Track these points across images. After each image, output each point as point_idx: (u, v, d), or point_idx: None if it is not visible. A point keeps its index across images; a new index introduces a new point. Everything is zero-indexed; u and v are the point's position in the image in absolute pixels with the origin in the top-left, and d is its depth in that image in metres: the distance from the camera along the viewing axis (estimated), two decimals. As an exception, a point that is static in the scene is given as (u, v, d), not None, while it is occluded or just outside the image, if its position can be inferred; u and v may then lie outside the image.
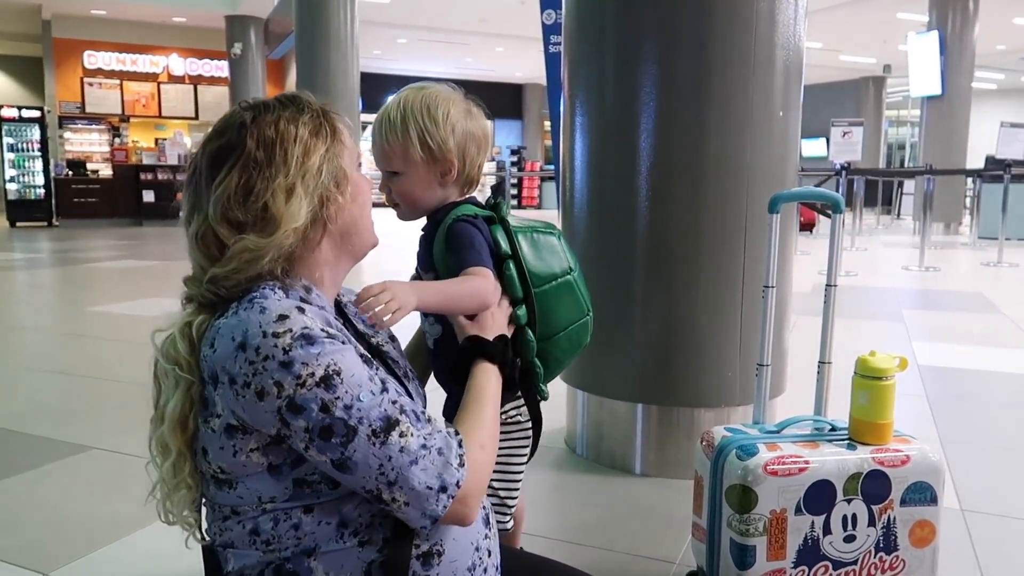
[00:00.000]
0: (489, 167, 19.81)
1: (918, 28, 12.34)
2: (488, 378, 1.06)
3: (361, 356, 0.88)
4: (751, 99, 2.23)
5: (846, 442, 1.59)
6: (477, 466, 0.91)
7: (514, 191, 17.91)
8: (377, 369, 0.91)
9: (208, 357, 0.87)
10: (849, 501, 1.52)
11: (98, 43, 14.40)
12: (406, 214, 1.22)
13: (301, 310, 0.86)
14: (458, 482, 0.86)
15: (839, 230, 1.66)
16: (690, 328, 2.33)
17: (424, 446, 0.85)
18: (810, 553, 1.52)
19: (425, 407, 1.06)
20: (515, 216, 1.25)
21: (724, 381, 2.35)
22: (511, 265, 1.17)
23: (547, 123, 21.82)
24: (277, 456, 0.85)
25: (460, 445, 0.90)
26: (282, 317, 0.84)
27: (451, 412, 1.11)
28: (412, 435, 0.85)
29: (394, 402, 0.86)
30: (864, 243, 9.91)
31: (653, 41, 2.28)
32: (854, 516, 1.53)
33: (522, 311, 1.16)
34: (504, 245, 1.17)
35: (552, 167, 20.57)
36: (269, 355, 0.81)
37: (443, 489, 0.85)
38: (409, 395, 0.98)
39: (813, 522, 1.51)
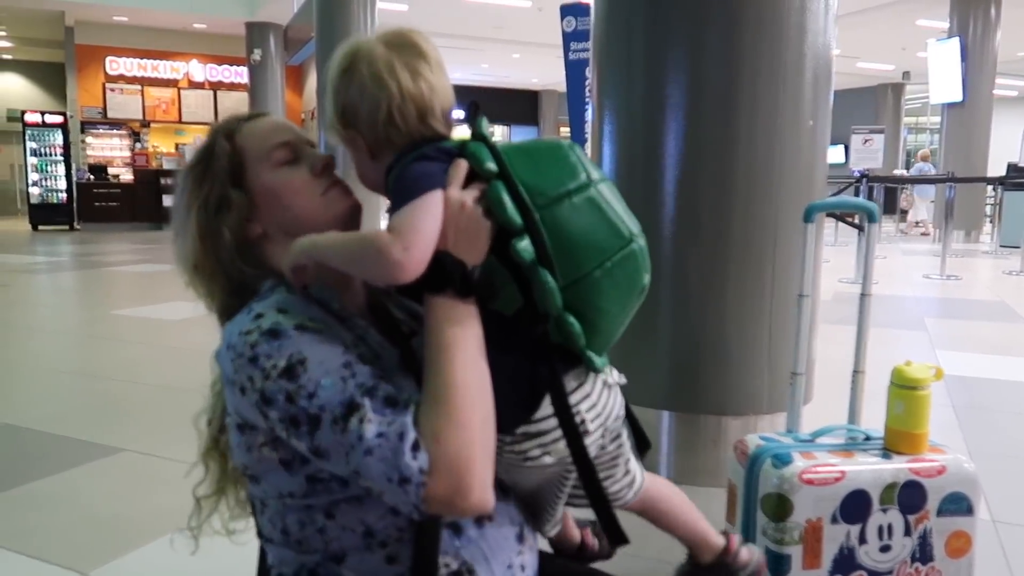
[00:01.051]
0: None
1: (938, 35, 12.28)
2: (442, 318, 0.81)
3: (344, 343, 0.84)
4: (781, 108, 2.24)
5: (881, 452, 1.59)
6: (447, 443, 0.77)
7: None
8: (362, 354, 0.84)
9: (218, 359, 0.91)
10: (885, 511, 1.52)
11: (120, 49, 14.57)
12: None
13: (282, 309, 0.87)
14: (420, 469, 0.76)
15: (873, 239, 1.66)
16: (717, 336, 2.34)
17: (381, 434, 0.77)
18: (846, 562, 1.52)
19: None
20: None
21: (752, 389, 2.35)
22: (498, 186, 0.82)
23: (564, 129, 21.86)
24: (286, 452, 0.86)
25: (414, 426, 0.78)
26: (258, 316, 0.86)
27: None
28: (372, 421, 0.77)
29: (362, 385, 0.80)
30: (883, 251, 9.85)
31: (681, 50, 2.29)
32: (890, 526, 1.53)
33: (524, 243, 0.80)
34: (485, 157, 0.84)
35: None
36: (242, 352, 0.84)
37: (404, 480, 0.76)
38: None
39: (849, 531, 1.51)
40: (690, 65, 2.29)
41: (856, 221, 7.85)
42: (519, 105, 21.59)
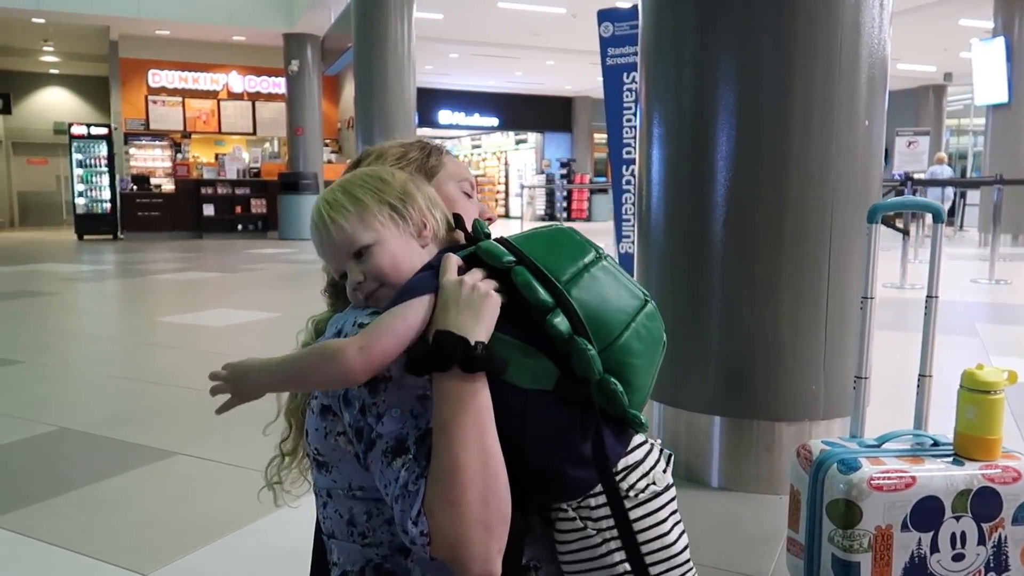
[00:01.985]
0: (539, 180, 19.90)
1: (981, 35, 12.01)
2: (443, 396, 0.81)
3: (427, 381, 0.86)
4: (835, 108, 2.20)
5: (951, 457, 1.54)
6: (442, 521, 0.79)
7: (564, 204, 17.92)
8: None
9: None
10: (958, 518, 1.48)
11: (162, 62, 14.89)
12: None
13: None
14: (421, 532, 0.79)
15: (940, 240, 1.62)
16: (771, 340, 2.30)
17: (405, 486, 0.81)
18: (917, 571, 1.48)
19: None
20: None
21: (807, 394, 2.31)
22: (523, 270, 0.86)
23: (598, 136, 21.81)
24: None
25: (421, 499, 0.80)
26: (375, 313, 0.88)
27: None
28: (409, 471, 0.81)
29: (419, 429, 0.83)
30: (928, 256, 9.64)
31: (732, 51, 2.27)
32: (963, 534, 1.49)
33: (559, 318, 0.84)
34: (501, 253, 0.88)
35: (602, 179, 20.56)
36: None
37: (412, 540, 0.80)
38: None
39: (920, 539, 1.47)
40: (741, 66, 2.26)
41: (900, 225, 7.70)
42: (553, 112, 21.59)
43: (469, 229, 0.96)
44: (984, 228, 11.00)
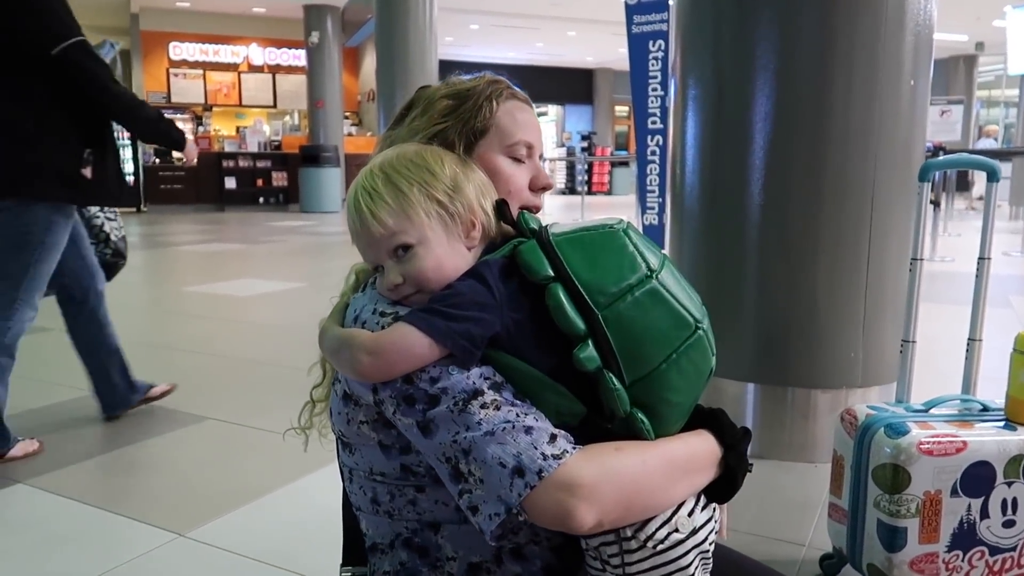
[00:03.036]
0: (559, 153, 19.74)
1: (1016, 1, 11.67)
2: (688, 449, 0.82)
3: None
4: (880, 67, 2.14)
5: (1003, 422, 1.50)
6: (602, 465, 0.75)
7: (584, 177, 17.80)
8: None
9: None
10: (1010, 484, 1.44)
11: (183, 35, 14.88)
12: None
13: None
14: (540, 471, 0.72)
15: (994, 200, 1.57)
16: (809, 306, 2.25)
17: (508, 421, 0.74)
18: (966, 537, 1.45)
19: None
20: (560, 224, 0.86)
21: (845, 361, 2.27)
22: (556, 289, 0.78)
23: (619, 108, 21.57)
24: (387, 437, 0.83)
25: (569, 441, 0.75)
26: (398, 305, 0.83)
27: None
28: (497, 408, 0.75)
29: (486, 378, 0.77)
30: (956, 228, 9.48)
31: (772, 8, 2.20)
32: (1015, 500, 1.45)
33: (587, 352, 0.76)
34: (539, 264, 0.79)
35: (623, 152, 20.35)
36: (371, 329, 0.81)
37: (519, 472, 0.72)
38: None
39: (970, 505, 1.44)
40: (781, 24, 2.20)
41: (932, 197, 7.55)
42: (573, 84, 21.36)
43: (514, 217, 0.87)
44: (1015, 201, 10.78)
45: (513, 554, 0.85)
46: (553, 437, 0.74)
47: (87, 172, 2.30)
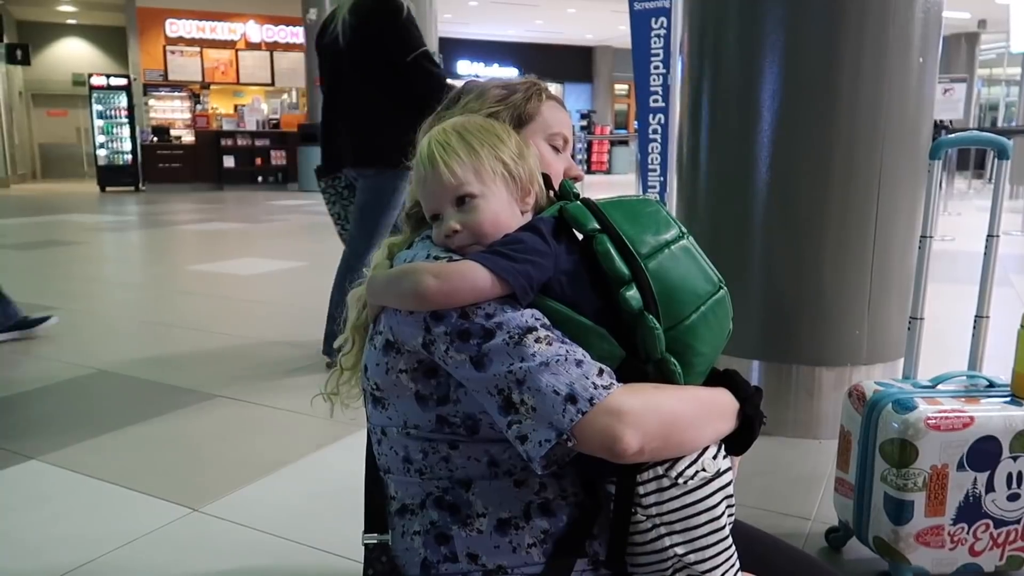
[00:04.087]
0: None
1: (1021, -21, 11.58)
2: (713, 396, 0.91)
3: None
4: (888, 44, 2.13)
5: (1009, 398, 1.52)
6: (644, 398, 0.82)
7: (584, 156, 17.72)
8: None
9: None
10: (1015, 459, 1.46)
11: (179, 11, 14.73)
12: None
13: None
14: (592, 399, 0.78)
15: (1004, 178, 1.58)
16: (815, 283, 2.27)
17: (560, 355, 0.80)
18: (971, 510, 1.47)
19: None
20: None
21: (850, 339, 2.28)
22: (604, 239, 0.86)
23: (619, 86, 21.43)
24: (425, 387, 0.87)
25: (613, 376, 0.81)
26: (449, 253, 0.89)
27: None
28: (550, 343, 0.81)
29: (536, 318, 0.83)
30: (957, 207, 9.49)
31: (782, -14, 2.19)
32: (1020, 474, 1.47)
33: (632, 292, 0.84)
34: (586, 219, 0.88)
35: (623, 132, 20.24)
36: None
37: (571, 399, 0.78)
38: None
39: (976, 479, 1.46)
40: (789, 1, 2.19)
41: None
42: (573, 62, 21.21)
43: (556, 188, 0.96)
44: (1016, 180, 10.77)
45: (541, 509, 0.89)
46: (601, 371, 0.81)
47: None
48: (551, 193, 0.97)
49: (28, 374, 3.01)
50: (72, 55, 17.19)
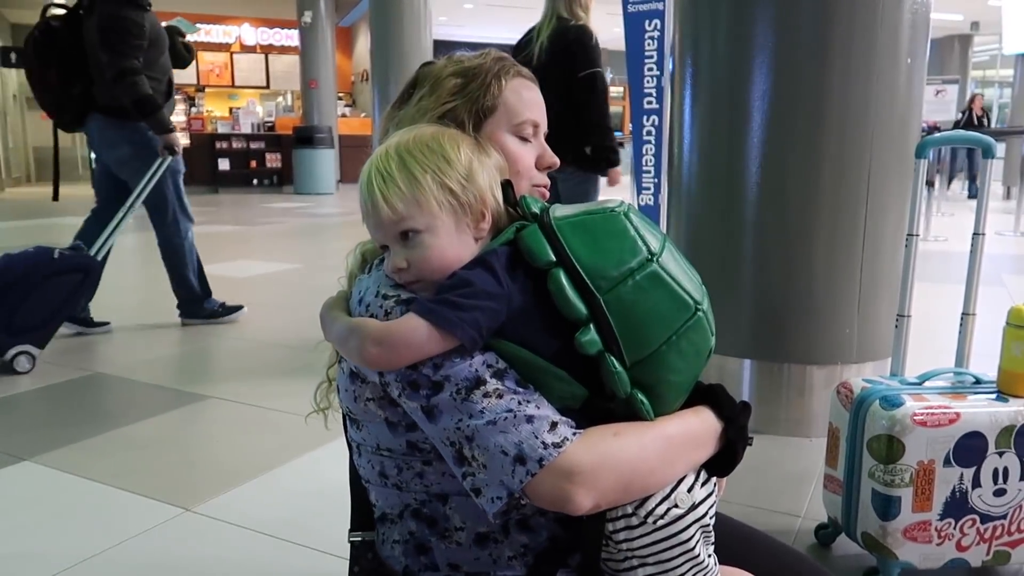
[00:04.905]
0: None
1: (1013, -20, 11.64)
2: (686, 427, 0.84)
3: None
4: (877, 45, 2.15)
5: (995, 394, 1.54)
6: (600, 452, 0.77)
7: (579, 158, 17.73)
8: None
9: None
10: (1001, 454, 1.48)
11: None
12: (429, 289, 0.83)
13: None
14: (541, 460, 0.74)
15: (988, 175, 1.59)
16: (805, 282, 2.28)
17: (510, 410, 0.76)
18: (957, 506, 1.49)
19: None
20: (561, 206, 0.86)
21: (840, 337, 2.30)
22: (559, 275, 0.79)
23: (612, 88, 21.44)
24: (393, 415, 0.85)
25: (570, 427, 0.77)
26: (398, 287, 0.84)
27: None
28: (500, 396, 0.77)
29: (488, 365, 0.79)
30: (950, 208, 9.53)
31: (771, -13, 2.21)
32: (1005, 470, 1.49)
33: (589, 336, 0.78)
34: (541, 250, 0.80)
35: (618, 134, 20.19)
36: (374, 313, 0.82)
37: (520, 460, 0.75)
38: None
39: (962, 474, 1.48)
40: (779, 1, 2.20)
41: (927, 177, 7.59)
42: (568, 65, 21.20)
43: (517, 199, 0.87)
44: (1008, 181, 10.82)
45: (520, 525, 0.87)
46: (554, 425, 0.77)
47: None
48: (511, 208, 0.88)
49: (23, 376, 3.00)
50: (67, 58, 17.15)
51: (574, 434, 0.77)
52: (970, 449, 1.47)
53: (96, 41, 3.44)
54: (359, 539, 0.98)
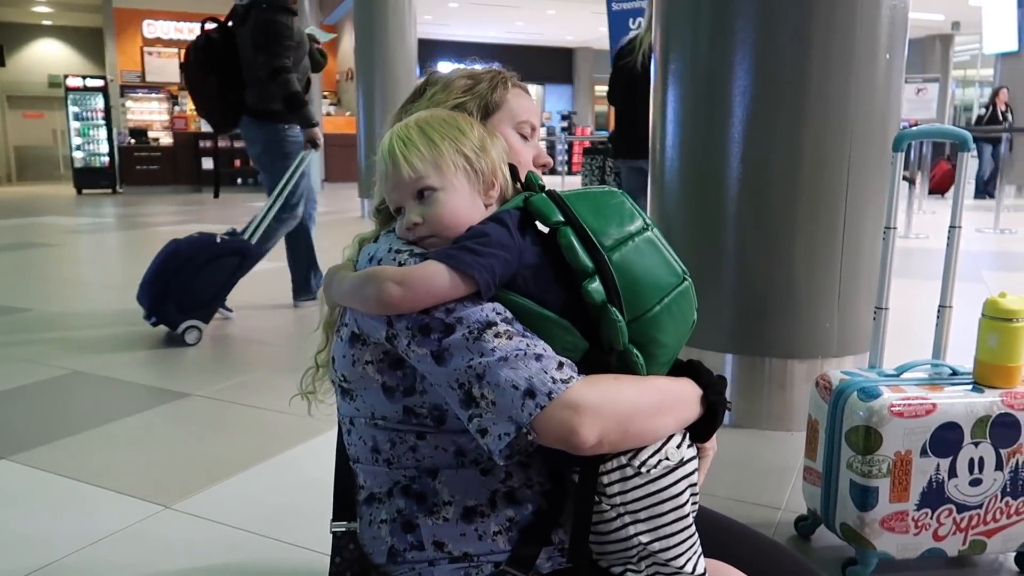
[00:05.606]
0: (540, 132, 19.60)
1: (993, -19, 11.77)
2: (676, 385, 0.91)
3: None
4: (856, 41, 2.16)
5: (971, 385, 1.55)
6: (603, 390, 0.82)
7: (565, 157, 17.76)
8: None
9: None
10: (976, 444, 1.49)
11: (157, 12, 14.60)
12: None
13: None
14: (550, 393, 0.79)
15: (965, 169, 1.61)
16: (786, 277, 2.30)
17: (520, 349, 0.81)
18: (934, 496, 1.50)
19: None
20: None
21: (820, 332, 2.31)
22: (568, 231, 0.86)
23: (599, 87, 21.49)
24: (391, 379, 0.88)
25: (573, 368, 0.82)
26: (410, 244, 0.90)
27: None
28: (510, 337, 0.82)
29: (498, 312, 0.83)
30: (931, 206, 9.61)
31: (751, -17, 2.22)
32: (981, 460, 1.50)
33: (595, 284, 0.85)
34: (551, 211, 0.88)
35: (604, 133, 20.27)
36: (385, 262, 0.87)
37: (530, 394, 0.79)
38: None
39: (939, 464, 1.49)
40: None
41: (906, 174, 7.65)
42: (553, 63, 21.26)
43: (523, 179, 0.96)
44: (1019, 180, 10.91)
45: (507, 498, 0.89)
46: (560, 364, 0.82)
47: None
48: (517, 184, 0.96)
49: (2, 375, 2.97)
50: (48, 56, 16.98)
51: (578, 376, 0.82)
52: (946, 440, 1.48)
53: (251, 45, 3.81)
54: (341, 529, 0.98)
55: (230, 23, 3.96)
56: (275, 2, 3.80)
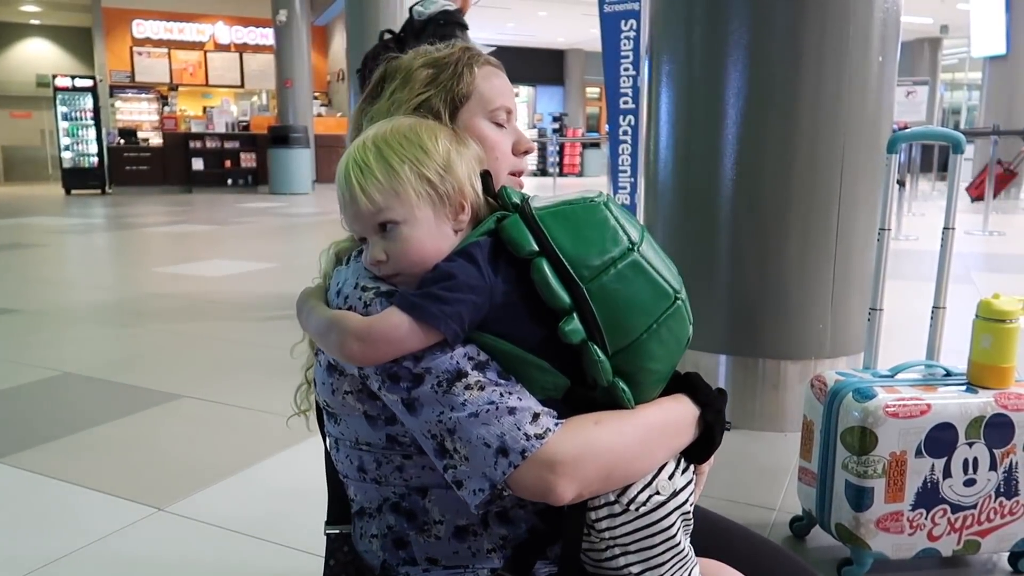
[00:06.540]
0: (531, 134, 19.69)
1: (980, -15, 11.86)
2: (665, 415, 0.85)
3: None
4: (849, 44, 2.17)
5: (964, 386, 1.56)
6: (582, 442, 0.78)
7: (556, 159, 17.77)
8: None
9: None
10: (971, 445, 1.50)
11: (146, 12, 14.55)
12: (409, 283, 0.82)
13: None
14: (523, 451, 0.75)
15: (957, 171, 1.62)
16: (779, 278, 2.30)
17: (492, 402, 0.76)
18: (929, 496, 1.51)
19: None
20: (541, 197, 0.85)
21: (814, 333, 2.32)
22: (542, 264, 0.78)
23: (590, 89, 21.55)
24: (372, 408, 0.84)
25: (552, 418, 0.77)
26: (376, 280, 0.83)
27: None
28: (481, 388, 0.77)
29: (470, 358, 0.78)
30: (920, 208, 9.67)
31: (745, -15, 2.23)
32: (975, 460, 1.51)
33: (572, 325, 0.78)
34: (524, 240, 0.79)
35: (595, 134, 20.35)
36: (353, 305, 0.81)
37: (502, 452, 0.75)
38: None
39: (933, 465, 1.50)
40: (754, 2, 2.22)
41: (897, 177, 7.70)
42: (544, 65, 21.28)
43: (496, 187, 0.86)
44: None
45: (499, 517, 0.87)
46: (536, 416, 0.77)
47: None
48: (490, 199, 0.87)
49: (-11, 377, 2.95)
50: (36, 56, 16.88)
51: (556, 424, 0.77)
52: (941, 440, 1.49)
53: None
54: (335, 532, 0.97)
55: (403, 33, 3.95)
56: (452, 19, 3.78)
